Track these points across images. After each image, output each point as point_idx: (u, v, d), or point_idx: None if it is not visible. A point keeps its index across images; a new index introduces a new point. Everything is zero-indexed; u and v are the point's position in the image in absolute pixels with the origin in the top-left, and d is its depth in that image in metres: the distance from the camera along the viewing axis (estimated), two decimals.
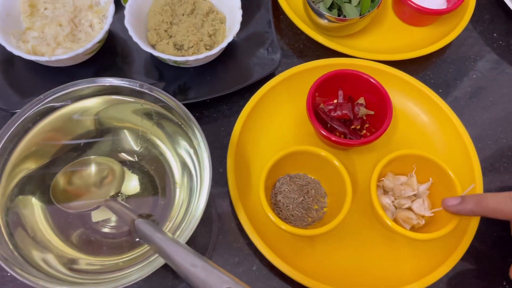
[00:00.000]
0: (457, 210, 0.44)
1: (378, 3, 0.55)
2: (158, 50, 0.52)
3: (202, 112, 0.55)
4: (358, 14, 0.56)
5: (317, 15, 0.56)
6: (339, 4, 0.57)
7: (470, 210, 0.43)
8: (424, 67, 0.59)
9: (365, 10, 0.56)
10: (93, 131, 0.46)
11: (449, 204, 0.45)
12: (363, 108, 0.52)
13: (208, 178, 0.41)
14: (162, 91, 0.43)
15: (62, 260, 0.40)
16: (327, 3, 0.56)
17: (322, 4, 0.57)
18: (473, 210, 0.43)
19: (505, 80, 0.59)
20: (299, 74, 0.54)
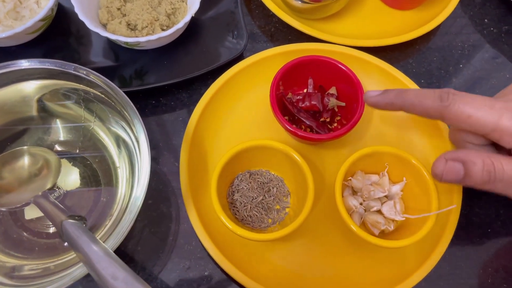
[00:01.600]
0: (376, 101, 0.39)
1: None
2: (109, 30, 0.47)
3: (159, 99, 0.50)
4: None
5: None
6: None
7: (390, 101, 0.38)
8: (406, 55, 0.54)
9: None
10: (28, 119, 0.41)
11: (369, 94, 0.40)
12: (333, 99, 0.47)
13: (146, 170, 0.36)
14: (99, 75, 0.38)
15: None
16: None
17: None
18: (392, 101, 0.38)
19: (495, 71, 0.54)
20: (267, 60, 0.50)
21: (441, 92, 0.36)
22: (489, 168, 0.33)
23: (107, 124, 0.41)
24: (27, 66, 0.38)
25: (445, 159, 0.35)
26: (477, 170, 0.34)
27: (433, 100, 0.35)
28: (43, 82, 0.40)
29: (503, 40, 0.56)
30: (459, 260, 0.45)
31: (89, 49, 0.51)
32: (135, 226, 0.44)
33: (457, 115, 0.34)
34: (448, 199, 0.44)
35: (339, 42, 0.51)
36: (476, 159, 0.34)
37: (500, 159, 0.34)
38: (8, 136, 0.41)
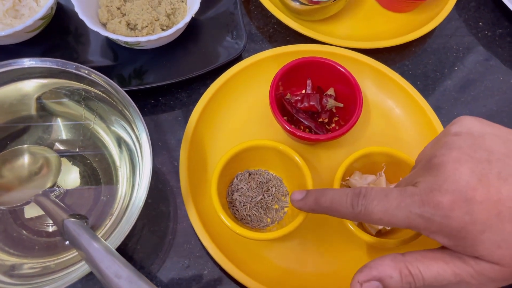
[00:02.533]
0: (299, 207, 0.37)
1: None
2: (109, 30, 0.48)
3: (158, 99, 0.50)
4: None
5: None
6: None
7: (310, 207, 0.36)
8: (402, 57, 0.55)
9: None
10: (28, 118, 0.41)
11: (294, 198, 0.38)
12: (331, 100, 0.47)
13: (148, 170, 0.36)
14: (101, 74, 0.38)
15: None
16: None
17: None
18: (312, 208, 0.36)
19: (489, 74, 0.55)
20: (266, 60, 0.50)
21: (353, 197, 0.32)
22: (408, 279, 0.30)
23: (107, 123, 0.42)
24: (28, 64, 0.38)
25: (359, 282, 0.31)
26: (395, 284, 0.30)
27: (346, 208, 0.33)
28: (43, 80, 0.40)
29: (497, 43, 0.57)
30: None
31: (88, 48, 0.51)
32: (135, 225, 0.44)
33: (369, 219, 0.32)
34: None
35: (337, 43, 0.51)
36: (393, 272, 0.31)
37: (417, 265, 0.30)
38: (8, 134, 0.41)
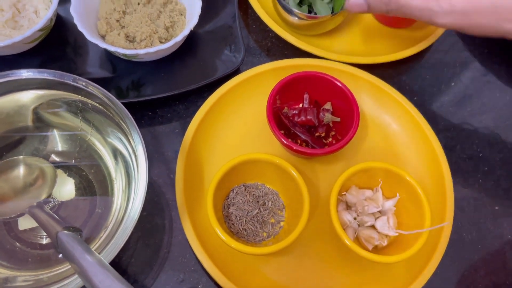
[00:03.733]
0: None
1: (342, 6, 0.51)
2: (107, 42, 0.48)
3: (155, 111, 0.50)
4: (330, 12, 0.52)
5: (286, 12, 0.51)
6: (310, 0, 0.52)
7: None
8: (400, 72, 0.55)
9: (338, 8, 0.52)
10: (25, 128, 0.41)
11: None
12: (328, 115, 0.48)
13: (144, 181, 0.36)
14: (98, 86, 0.38)
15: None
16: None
17: (291, 0, 0.52)
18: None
19: (485, 90, 0.55)
20: (263, 74, 0.50)
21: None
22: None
23: (104, 135, 0.41)
24: (26, 76, 0.38)
25: None
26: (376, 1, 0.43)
27: None
28: (40, 92, 0.40)
29: (493, 60, 0.57)
30: (450, 276, 0.45)
31: (87, 60, 0.51)
32: (129, 238, 0.43)
33: None
34: (440, 215, 0.45)
35: (334, 58, 0.52)
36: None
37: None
38: (4, 145, 0.41)
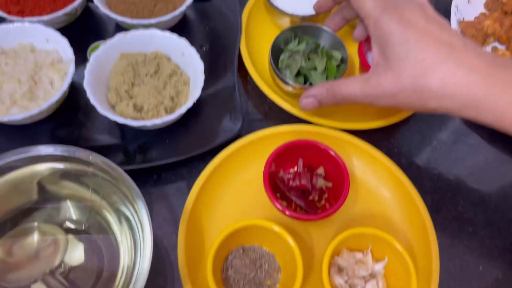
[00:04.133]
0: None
1: (343, 71, 0.56)
2: (117, 111, 0.52)
3: (160, 174, 0.54)
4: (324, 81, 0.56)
5: (283, 83, 0.55)
6: (305, 72, 0.57)
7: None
8: (388, 135, 0.59)
9: (331, 76, 0.56)
10: (37, 198, 0.44)
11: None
12: (321, 180, 0.51)
13: (149, 249, 0.39)
14: (108, 161, 0.42)
15: None
16: (293, 71, 0.56)
17: (288, 71, 0.57)
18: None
19: (471, 152, 0.59)
20: (261, 140, 0.54)
21: None
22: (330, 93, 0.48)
23: (111, 203, 0.45)
24: (44, 152, 0.41)
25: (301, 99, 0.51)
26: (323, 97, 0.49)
27: None
28: (54, 164, 0.43)
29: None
30: None
31: (96, 124, 0.55)
32: None
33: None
34: (427, 277, 0.48)
35: (327, 124, 0.55)
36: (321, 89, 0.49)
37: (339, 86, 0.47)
38: (19, 212, 0.44)
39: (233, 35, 0.61)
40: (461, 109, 0.40)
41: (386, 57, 0.42)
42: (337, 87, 0.47)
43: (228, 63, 0.60)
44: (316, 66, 0.56)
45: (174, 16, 0.57)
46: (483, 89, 0.38)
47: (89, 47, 0.60)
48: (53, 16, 0.54)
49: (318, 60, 0.57)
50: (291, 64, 0.56)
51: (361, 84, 0.45)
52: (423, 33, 0.40)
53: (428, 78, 0.39)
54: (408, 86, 0.40)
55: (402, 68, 0.41)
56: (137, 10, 0.57)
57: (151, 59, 0.55)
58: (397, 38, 0.41)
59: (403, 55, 0.40)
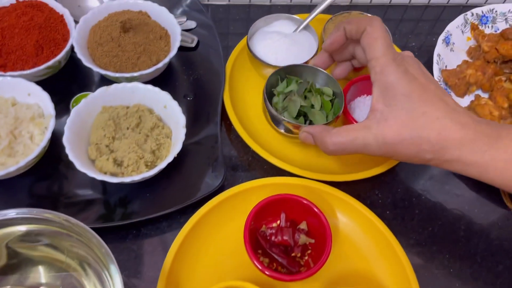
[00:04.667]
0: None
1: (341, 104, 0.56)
2: (97, 166, 0.51)
3: (139, 229, 0.53)
4: (325, 120, 0.55)
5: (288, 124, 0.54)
6: (306, 110, 0.56)
7: None
8: (373, 186, 0.58)
9: (328, 112, 0.56)
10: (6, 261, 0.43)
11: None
12: (303, 236, 0.50)
13: None
14: (84, 226, 0.41)
15: None
16: (292, 112, 0.55)
17: (286, 113, 0.56)
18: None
19: (455, 202, 0.58)
20: (243, 193, 0.53)
21: None
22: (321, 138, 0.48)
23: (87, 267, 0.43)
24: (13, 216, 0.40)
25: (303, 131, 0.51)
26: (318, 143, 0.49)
27: None
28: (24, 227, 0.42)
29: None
30: None
31: (77, 178, 0.54)
32: None
33: None
34: None
35: (310, 176, 0.55)
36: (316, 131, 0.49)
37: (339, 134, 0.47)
38: None
39: (217, 84, 0.61)
40: (451, 162, 0.43)
41: (388, 104, 0.43)
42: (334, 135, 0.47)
43: (211, 113, 0.60)
44: (313, 104, 0.56)
45: (157, 69, 0.57)
46: (470, 145, 0.42)
47: (72, 98, 0.60)
48: (35, 70, 0.55)
49: (313, 98, 0.56)
50: (288, 105, 0.56)
51: (362, 132, 0.45)
52: (424, 89, 0.43)
53: (427, 130, 0.42)
54: (408, 137, 0.42)
55: (404, 119, 0.42)
56: (120, 63, 0.57)
57: (133, 112, 0.55)
58: (402, 89, 0.43)
59: (406, 107, 0.42)
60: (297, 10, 0.76)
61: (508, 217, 0.57)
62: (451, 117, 0.42)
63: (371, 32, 0.45)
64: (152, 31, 0.60)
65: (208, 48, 0.66)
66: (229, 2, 0.76)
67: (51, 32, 0.58)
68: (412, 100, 0.42)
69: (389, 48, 0.45)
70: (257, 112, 0.62)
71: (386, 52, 0.44)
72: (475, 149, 0.41)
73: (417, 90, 0.43)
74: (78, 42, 0.58)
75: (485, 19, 0.72)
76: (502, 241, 0.55)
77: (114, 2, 0.62)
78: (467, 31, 0.71)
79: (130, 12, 0.61)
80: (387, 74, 0.43)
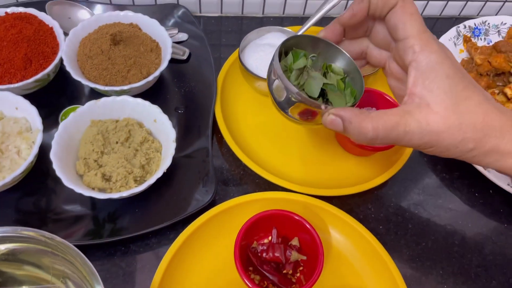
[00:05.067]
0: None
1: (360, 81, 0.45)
2: (84, 182, 0.50)
3: (128, 245, 0.52)
4: (344, 103, 0.45)
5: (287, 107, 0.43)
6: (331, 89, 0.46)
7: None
8: (366, 200, 0.58)
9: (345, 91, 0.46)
10: None
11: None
12: (295, 253, 0.49)
13: None
14: (65, 242, 0.39)
15: None
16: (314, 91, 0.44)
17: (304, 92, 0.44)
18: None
19: (448, 217, 0.58)
20: (233, 209, 0.52)
21: None
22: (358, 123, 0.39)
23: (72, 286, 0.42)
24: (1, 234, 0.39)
25: (330, 113, 0.41)
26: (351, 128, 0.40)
27: None
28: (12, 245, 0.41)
29: (455, 185, 0.60)
30: None
31: (65, 193, 0.53)
32: None
33: None
34: None
35: (302, 191, 0.54)
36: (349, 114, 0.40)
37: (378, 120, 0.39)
38: None
39: (209, 97, 0.61)
40: (490, 153, 0.39)
41: (429, 88, 0.39)
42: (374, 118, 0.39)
43: (202, 126, 0.59)
44: (332, 82, 0.46)
45: (148, 82, 0.57)
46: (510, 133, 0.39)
47: (61, 111, 0.59)
48: (23, 83, 0.54)
49: (329, 76, 0.46)
50: (307, 83, 0.45)
51: (403, 119, 0.39)
52: (463, 74, 0.39)
53: (473, 115, 0.38)
54: (456, 123, 0.38)
55: (448, 104, 0.38)
56: (110, 76, 0.56)
57: (122, 126, 0.54)
58: (447, 70, 0.38)
59: (449, 91, 0.38)
60: (290, 22, 0.76)
61: (502, 232, 0.57)
62: (491, 102, 0.39)
63: (404, 7, 0.40)
64: (143, 44, 0.60)
65: (199, 61, 0.66)
66: (221, 14, 0.75)
67: (40, 45, 0.57)
68: (455, 83, 0.38)
69: (425, 26, 0.40)
70: (249, 125, 0.61)
71: (425, 29, 0.39)
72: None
73: (459, 73, 0.39)
74: (67, 55, 0.57)
75: (477, 32, 0.72)
76: (496, 255, 0.55)
77: (104, 15, 0.61)
78: (459, 43, 0.71)
79: (120, 24, 0.61)
80: (429, 54, 0.39)
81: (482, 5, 0.77)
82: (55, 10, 0.65)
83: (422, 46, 0.39)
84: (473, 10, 0.79)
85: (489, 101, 0.39)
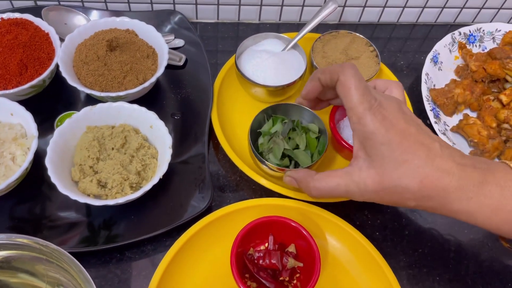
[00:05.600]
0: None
1: (325, 142, 0.55)
2: (80, 188, 0.50)
3: (123, 252, 0.51)
4: (310, 161, 0.55)
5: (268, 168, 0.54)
6: (289, 153, 0.55)
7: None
8: (362, 206, 0.58)
9: (314, 150, 0.56)
10: None
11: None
12: (291, 259, 0.49)
13: None
14: (60, 249, 0.39)
15: None
16: (277, 155, 0.54)
17: (271, 155, 0.55)
18: None
19: (444, 224, 0.58)
20: (230, 215, 0.52)
21: None
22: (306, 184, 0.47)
23: None
24: None
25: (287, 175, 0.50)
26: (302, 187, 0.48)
27: None
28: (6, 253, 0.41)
29: None
30: None
31: (60, 199, 0.53)
32: None
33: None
34: None
35: (298, 197, 0.54)
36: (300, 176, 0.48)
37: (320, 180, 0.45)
38: None
39: (205, 103, 0.61)
40: (437, 209, 0.42)
41: (368, 154, 0.43)
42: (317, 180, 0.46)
43: (199, 132, 0.59)
44: (298, 144, 0.56)
45: (144, 88, 0.56)
46: (455, 193, 0.40)
47: (57, 117, 0.59)
48: (19, 89, 0.54)
49: (298, 137, 0.56)
50: (273, 148, 0.55)
51: (344, 179, 0.44)
52: (403, 135, 0.41)
53: (408, 180, 0.40)
54: (390, 186, 0.41)
55: (384, 168, 0.41)
56: (106, 82, 0.56)
57: (118, 132, 0.54)
58: (380, 138, 0.41)
59: (387, 156, 0.41)
60: (286, 29, 0.76)
61: (498, 238, 0.57)
62: (432, 164, 0.40)
63: (344, 81, 0.43)
64: (139, 50, 0.60)
65: (196, 67, 0.66)
66: (218, 20, 0.76)
67: (36, 51, 0.57)
68: (392, 148, 0.41)
69: (364, 95, 0.42)
70: (245, 131, 0.61)
71: (362, 100, 0.42)
72: (461, 197, 0.40)
73: (396, 137, 0.41)
74: (63, 60, 0.57)
75: (472, 38, 0.72)
76: (492, 262, 0.55)
77: (100, 21, 0.61)
78: (455, 50, 0.71)
79: (117, 30, 0.61)
80: (364, 124, 0.42)
81: (477, 12, 0.78)
82: (51, 16, 0.65)
83: (358, 117, 0.42)
84: (468, 17, 0.79)
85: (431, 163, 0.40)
